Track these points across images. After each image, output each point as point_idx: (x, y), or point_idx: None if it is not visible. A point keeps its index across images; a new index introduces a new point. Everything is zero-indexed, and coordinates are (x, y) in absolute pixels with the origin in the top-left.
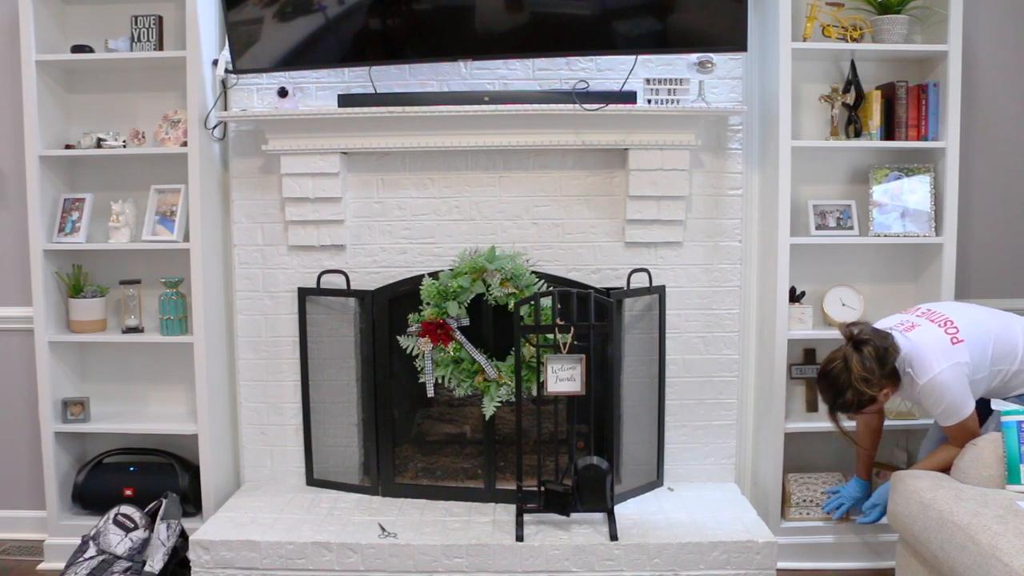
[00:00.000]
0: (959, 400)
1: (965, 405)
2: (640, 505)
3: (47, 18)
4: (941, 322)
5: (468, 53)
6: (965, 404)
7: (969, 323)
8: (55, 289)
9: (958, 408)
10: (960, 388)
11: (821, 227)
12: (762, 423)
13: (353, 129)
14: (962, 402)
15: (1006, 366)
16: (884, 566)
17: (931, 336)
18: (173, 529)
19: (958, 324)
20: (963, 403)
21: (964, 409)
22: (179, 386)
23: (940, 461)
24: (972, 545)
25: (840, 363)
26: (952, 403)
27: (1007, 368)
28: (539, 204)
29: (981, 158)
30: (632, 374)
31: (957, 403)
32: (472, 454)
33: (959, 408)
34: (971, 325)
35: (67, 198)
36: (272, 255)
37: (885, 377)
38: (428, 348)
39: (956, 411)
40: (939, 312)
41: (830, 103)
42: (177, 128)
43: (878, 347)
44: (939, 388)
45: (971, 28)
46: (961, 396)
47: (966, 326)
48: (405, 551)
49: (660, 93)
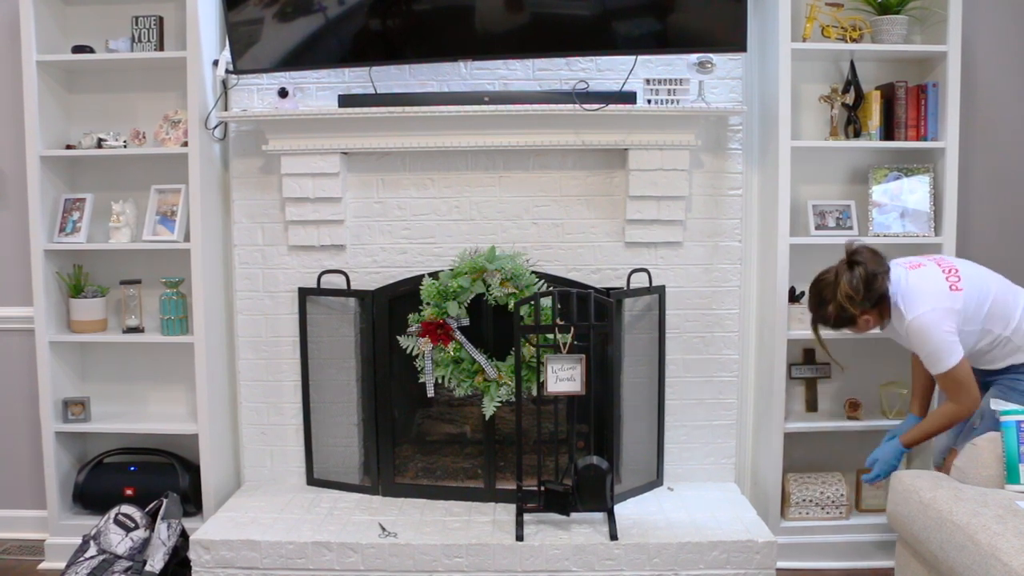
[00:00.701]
0: (943, 346)
1: (950, 353)
2: (640, 505)
3: (48, 18)
4: (946, 269)
5: (468, 53)
6: (950, 352)
7: (973, 276)
8: (56, 289)
9: (941, 354)
10: (945, 334)
11: (821, 227)
12: (762, 423)
13: (353, 129)
14: (946, 349)
15: (999, 330)
16: (884, 566)
17: (931, 277)
18: (174, 529)
19: (962, 275)
20: (948, 350)
21: (948, 357)
22: (179, 386)
23: (936, 420)
24: (971, 545)
25: (831, 276)
26: (936, 348)
27: (999, 333)
28: (539, 204)
29: (980, 158)
30: (632, 374)
31: (941, 349)
32: (472, 454)
33: (942, 354)
34: (974, 277)
35: (68, 198)
36: (272, 255)
37: (869, 302)
38: (428, 348)
39: (939, 357)
40: (948, 261)
41: (830, 103)
42: (177, 128)
43: (869, 272)
44: (924, 329)
45: (970, 28)
46: (946, 343)
47: (969, 277)
48: (405, 551)
49: (660, 93)
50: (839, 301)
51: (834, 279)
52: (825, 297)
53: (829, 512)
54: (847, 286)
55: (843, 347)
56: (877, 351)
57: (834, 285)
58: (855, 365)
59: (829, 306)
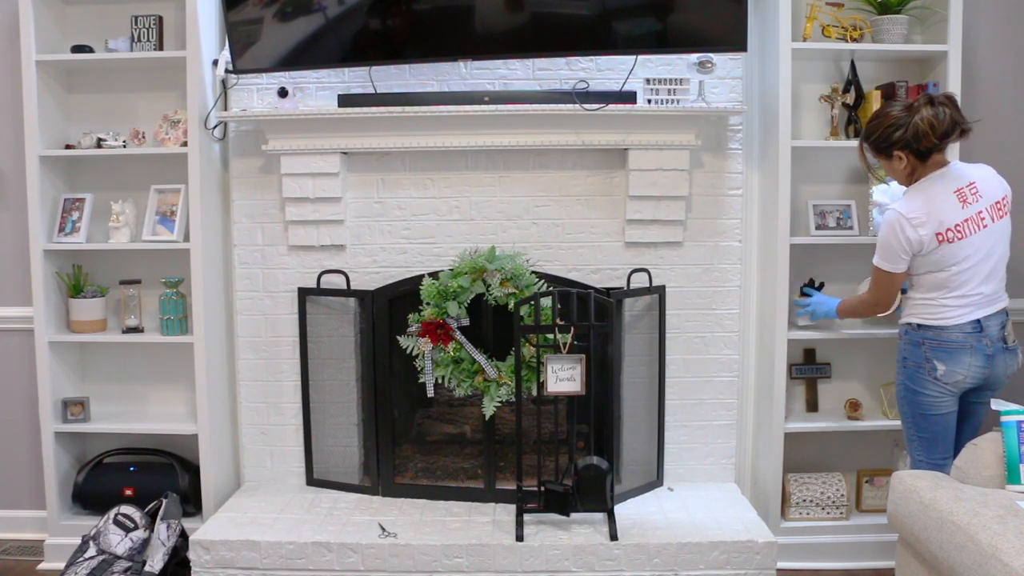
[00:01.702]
0: (887, 247)
1: (888, 256)
2: (640, 505)
3: (47, 18)
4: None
5: (468, 53)
6: (888, 256)
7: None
8: (55, 289)
9: (881, 250)
10: (894, 243)
11: (821, 227)
12: (762, 423)
13: (353, 129)
14: (887, 252)
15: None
16: (884, 566)
17: (949, 197)
18: (173, 529)
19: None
20: (887, 253)
21: (884, 258)
22: (179, 386)
23: (857, 301)
24: (972, 545)
25: (899, 105)
26: (882, 244)
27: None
28: (539, 204)
29: (981, 158)
30: (632, 374)
31: (883, 246)
32: (472, 454)
33: (882, 252)
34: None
35: (67, 198)
36: (272, 255)
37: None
38: (428, 348)
39: (880, 251)
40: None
41: (830, 103)
42: (177, 128)
43: (956, 117)
44: (886, 224)
45: (971, 28)
46: (891, 248)
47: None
48: (405, 551)
49: (660, 93)
50: (914, 124)
51: (908, 108)
52: (884, 115)
53: (829, 512)
54: (932, 116)
55: (843, 347)
56: (877, 352)
57: (907, 112)
58: (855, 365)
59: (882, 122)
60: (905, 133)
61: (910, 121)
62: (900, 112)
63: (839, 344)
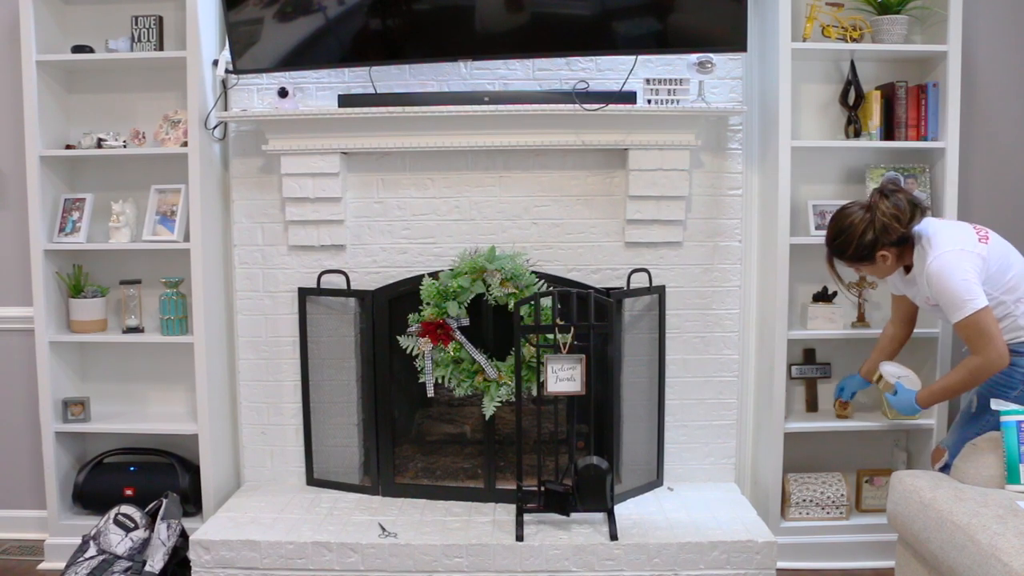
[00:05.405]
0: (964, 286)
1: (972, 294)
2: (640, 505)
3: (47, 18)
4: (975, 227)
5: (468, 53)
6: (972, 293)
7: (1002, 243)
8: (55, 289)
9: (962, 296)
10: (968, 275)
11: (821, 227)
12: (762, 423)
13: (353, 129)
14: (968, 289)
15: (1010, 297)
16: (884, 566)
17: (960, 226)
18: (173, 529)
19: (991, 238)
20: (969, 291)
21: (971, 299)
22: (179, 386)
23: (958, 375)
24: (972, 545)
25: (856, 207)
26: (958, 290)
27: (1008, 300)
28: (539, 204)
29: (980, 158)
30: (632, 374)
31: (961, 289)
32: (472, 454)
33: (964, 296)
34: (1003, 245)
35: (67, 198)
36: (272, 255)
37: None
38: (428, 348)
39: (961, 299)
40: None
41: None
42: (177, 128)
43: (911, 198)
44: (947, 268)
45: (971, 28)
46: (969, 285)
47: (997, 242)
48: (405, 551)
49: (660, 93)
50: (880, 221)
51: (867, 207)
52: (848, 225)
53: (829, 512)
54: (892, 207)
55: (842, 347)
56: None
57: (868, 212)
58: (855, 365)
59: (851, 233)
60: (875, 232)
61: (874, 218)
62: (860, 216)
63: (839, 344)
